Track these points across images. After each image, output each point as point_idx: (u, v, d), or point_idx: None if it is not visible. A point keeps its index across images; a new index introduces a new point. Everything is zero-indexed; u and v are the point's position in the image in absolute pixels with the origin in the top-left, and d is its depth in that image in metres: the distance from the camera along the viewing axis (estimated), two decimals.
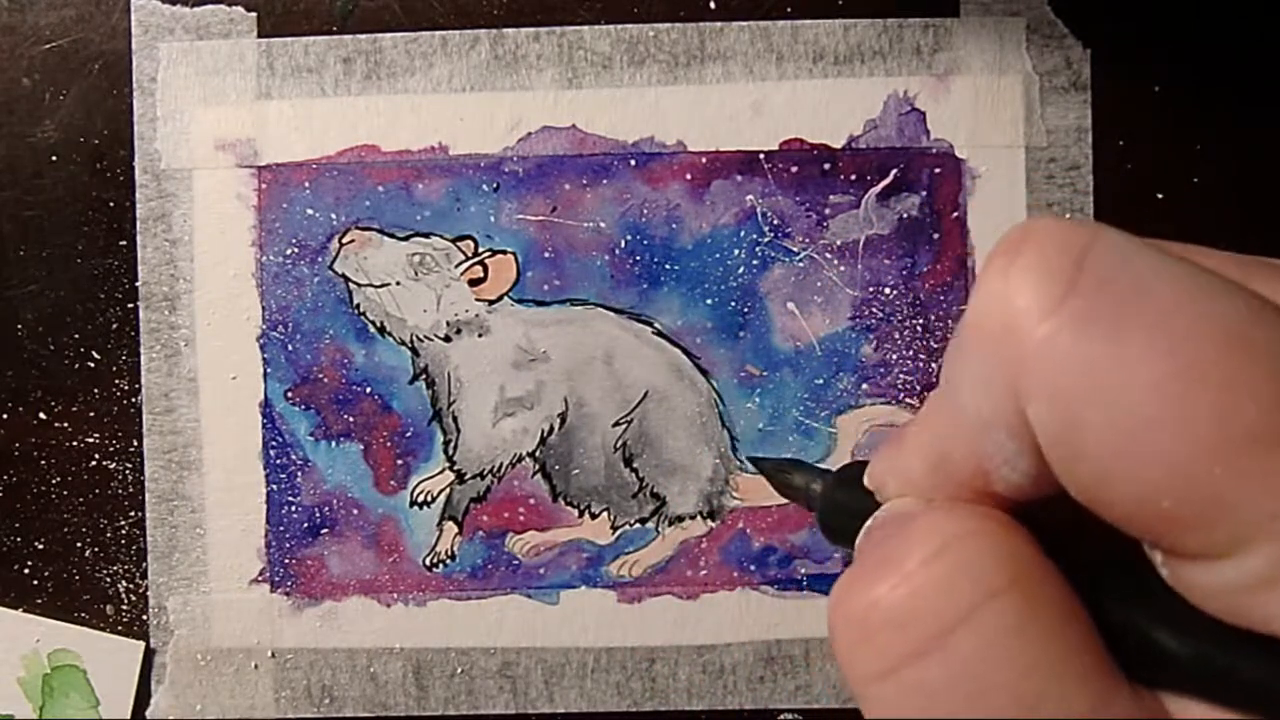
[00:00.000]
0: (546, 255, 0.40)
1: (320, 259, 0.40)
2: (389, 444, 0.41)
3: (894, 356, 0.40)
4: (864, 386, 0.40)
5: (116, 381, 0.41)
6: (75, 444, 0.41)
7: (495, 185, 0.40)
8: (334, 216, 0.40)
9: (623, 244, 0.40)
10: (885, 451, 0.17)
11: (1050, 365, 0.13)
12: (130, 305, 0.41)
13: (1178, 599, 0.14)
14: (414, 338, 0.40)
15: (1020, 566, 0.14)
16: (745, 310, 0.40)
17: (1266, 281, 0.15)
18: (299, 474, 0.41)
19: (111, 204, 0.41)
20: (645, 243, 0.40)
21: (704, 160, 0.40)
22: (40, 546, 0.41)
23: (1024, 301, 0.14)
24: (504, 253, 0.40)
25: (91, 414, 0.41)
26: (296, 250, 0.40)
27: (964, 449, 0.15)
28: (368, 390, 0.41)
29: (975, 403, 0.15)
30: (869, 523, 0.17)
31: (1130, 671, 0.14)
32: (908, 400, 0.40)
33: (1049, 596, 0.14)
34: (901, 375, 0.40)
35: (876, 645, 0.15)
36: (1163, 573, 0.14)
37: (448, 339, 0.40)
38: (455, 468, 0.41)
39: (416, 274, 0.40)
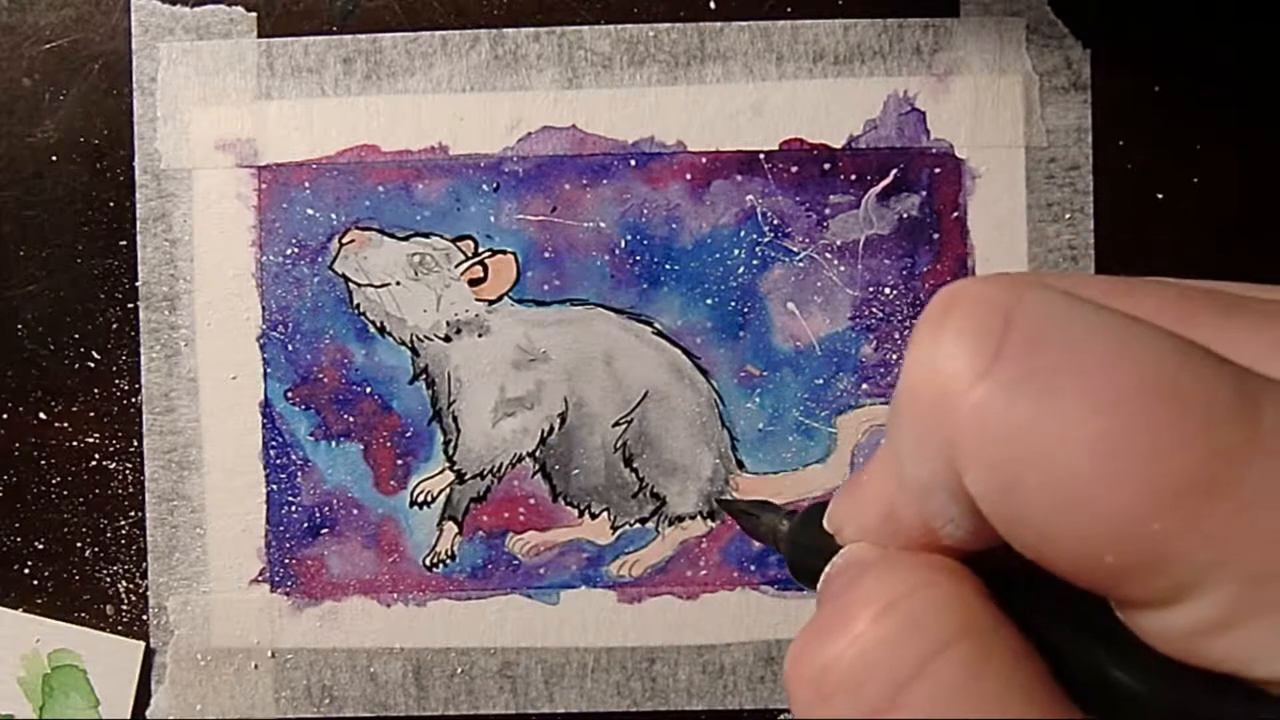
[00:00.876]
0: (546, 255, 0.40)
1: (320, 259, 0.40)
2: (389, 444, 0.41)
3: (894, 356, 0.40)
4: (864, 386, 0.40)
5: (116, 381, 0.41)
6: (75, 444, 0.41)
7: (495, 185, 0.40)
8: (334, 216, 0.40)
9: (623, 244, 0.40)
10: (843, 496, 0.17)
11: (982, 433, 0.13)
12: (130, 305, 0.41)
13: (1133, 637, 0.14)
14: (414, 338, 0.40)
15: (970, 616, 0.14)
16: (745, 310, 0.40)
17: (1212, 317, 0.14)
18: (299, 474, 0.41)
19: (111, 204, 0.41)
20: (645, 243, 0.40)
21: (704, 160, 0.40)
22: (40, 546, 0.41)
23: (953, 368, 0.14)
24: (504, 253, 0.40)
25: (91, 414, 0.41)
26: (296, 250, 0.40)
27: (909, 509, 0.15)
28: (368, 390, 0.41)
29: (915, 469, 0.15)
30: (827, 568, 0.17)
31: (1088, 710, 0.14)
32: None
33: (1001, 643, 0.14)
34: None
35: (833, 708, 0.15)
36: (1117, 614, 0.14)
37: (448, 339, 0.40)
38: (455, 468, 0.41)
39: (416, 274, 0.40)
